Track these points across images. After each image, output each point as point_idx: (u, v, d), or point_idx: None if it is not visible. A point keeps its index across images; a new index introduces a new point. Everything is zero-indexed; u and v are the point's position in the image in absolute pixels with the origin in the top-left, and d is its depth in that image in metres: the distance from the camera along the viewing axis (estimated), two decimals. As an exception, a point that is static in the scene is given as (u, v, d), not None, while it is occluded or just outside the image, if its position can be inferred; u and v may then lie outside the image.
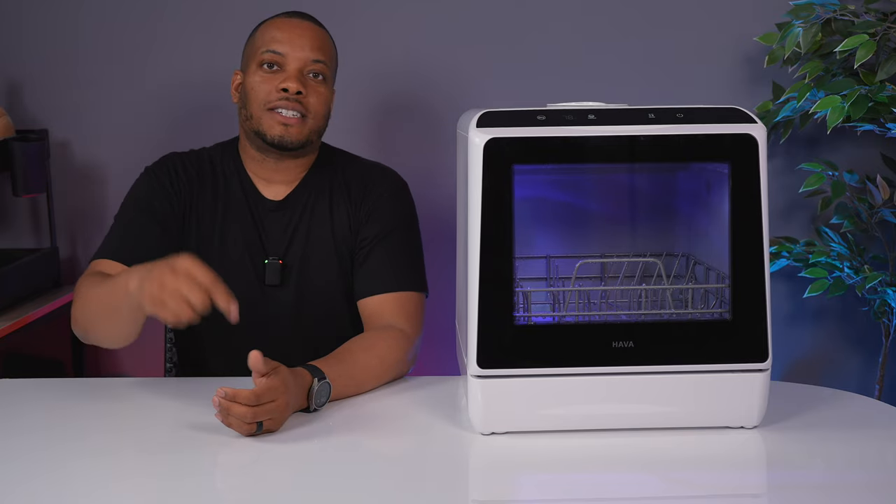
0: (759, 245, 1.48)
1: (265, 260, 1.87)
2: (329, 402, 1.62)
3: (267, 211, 1.89)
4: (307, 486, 1.38)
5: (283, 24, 1.86)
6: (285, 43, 1.83)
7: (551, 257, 1.76)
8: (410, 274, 1.87)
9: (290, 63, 1.82)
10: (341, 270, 1.89)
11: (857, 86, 2.34)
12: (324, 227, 1.88)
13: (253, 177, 1.90)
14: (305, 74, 1.84)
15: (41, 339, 2.64)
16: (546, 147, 1.48)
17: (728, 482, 1.41)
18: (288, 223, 1.89)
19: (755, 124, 1.48)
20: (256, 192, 1.90)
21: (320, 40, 1.87)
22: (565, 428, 1.51)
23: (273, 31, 1.85)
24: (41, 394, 1.76)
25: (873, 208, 2.52)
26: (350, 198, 1.90)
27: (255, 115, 1.84)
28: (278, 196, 1.90)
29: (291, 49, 1.83)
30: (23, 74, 2.69)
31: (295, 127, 1.82)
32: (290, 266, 1.87)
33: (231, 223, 1.88)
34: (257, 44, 1.86)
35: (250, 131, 1.86)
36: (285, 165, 1.88)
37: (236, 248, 1.87)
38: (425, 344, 1.89)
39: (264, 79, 1.83)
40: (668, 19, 2.65)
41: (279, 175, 1.89)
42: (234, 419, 1.47)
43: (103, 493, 1.35)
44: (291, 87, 1.80)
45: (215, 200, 1.89)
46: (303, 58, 1.83)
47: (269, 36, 1.85)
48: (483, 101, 2.13)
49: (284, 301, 1.87)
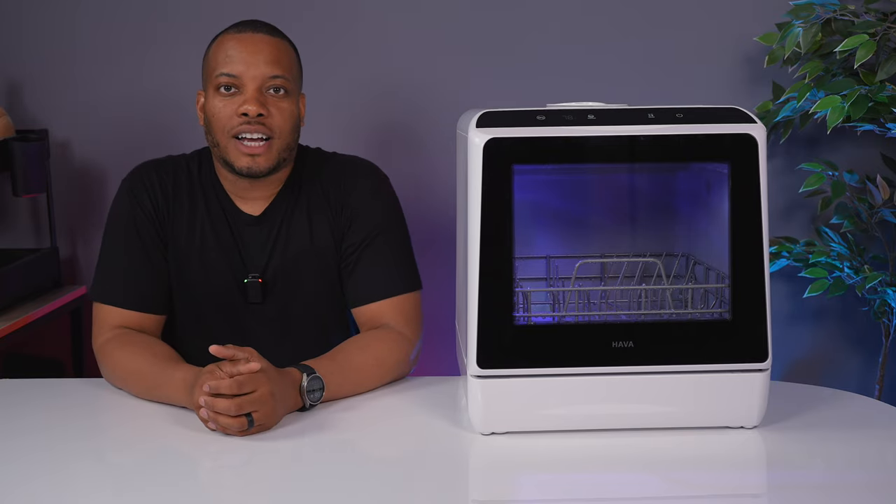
0: (759, 245, 1.48)
1: (245, 279, 1.84)
2: (327, 403, 1.62)
3: (245, 226, 1.85)
4: (307, 486, 1.37)
5: (235, 42, 1.77)
6: (239, 62, 1.75)
7: (551, 257, 1.76)
8: (402, 275, 1.84)
9: (248, 83, 1.75)
10: (325, 280, 1.87)
11: (857, 86, 2.34)
12: (303, 239, 1.85)
13: (230, 193, 1.86)
14: (265, 92, 1.76)
15: (41, 339, 2.65)
16: (546, 147, 1.48)
17: (728, 482, 1.41)
18: (266, 238, 1.85)
19: (755, 124, 1.48)
20: (234, 208, 1.86)
21: (276, 53, 1.78)
22: (565, 428, 1.51)
23: (226, 49, 1.77)
24: (41, 394, 1.76)
25: (873, 208, 2.52)
26: (329, 204, 1.86)
27: (220, 142, 1.78)
28: (256, 211, 1.86)
29: (246, 68, 1.75)
30: (23, 74, 2.69)
31: (262, 156, 1.76)
32: (270, 282, 1.85)
33: (210, 240, 1.85)
34: (212, 64, 1.79)
35: (219, 158, 1.81)
36: (260, 183, 1.84)
37: (217, 266, 1.84)
38: (425, 344, 1.89)
39: (224, 103, 1.76)
40: (668, 19, 2.65)
41: (255, 192, 1.85)
42: (222, 417, 1.49)
43: (103, 494, 1.35)
44: (251, 111, 1.74)
45: (193, 214, 1.85)
46: (259, 76, 1.75)
47: (223, 56, 1.77)
48: (483, 101, 2.13)
49: (268, 317, 1.86)
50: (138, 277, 1.83)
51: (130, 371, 1.71)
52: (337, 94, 2.66)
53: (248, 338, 1.83)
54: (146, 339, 1.77)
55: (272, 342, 1.85)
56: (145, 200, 1.85)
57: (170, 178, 1.88)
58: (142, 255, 1.84)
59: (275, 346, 1.83)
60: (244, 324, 1.86)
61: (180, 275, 1.85)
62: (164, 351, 1.73)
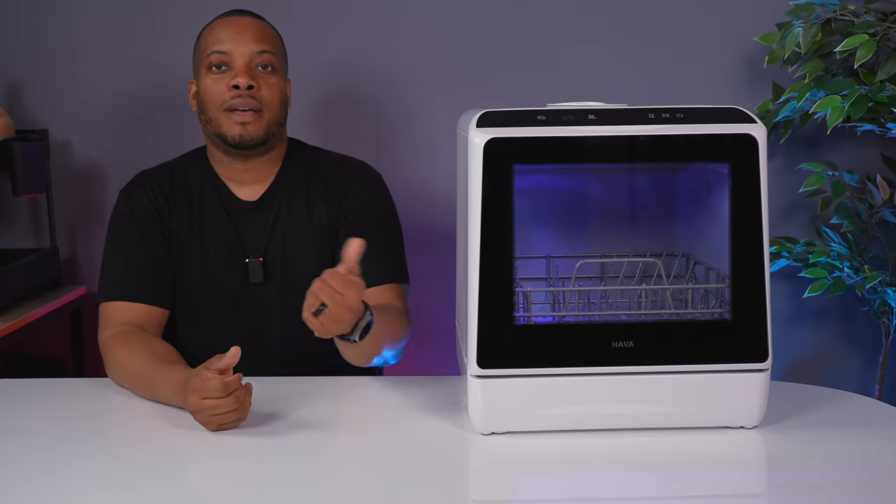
0: (759, 245, 1.48)
1: (246, 259, 1.87)
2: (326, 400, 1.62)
3: (243, 212, 1.90)
4: (306, 486, 1.38)
5: (224, 24, 1.87)
6: (228, 41, 1.84)
7: (551, 257, 1.76)
8: (394, 266, 1.89)
9: (237, 59, 1.83)
10: (323, 264, 1.89)
11: (857, 86, 2.34)
12: (302, 223, 1.89)
13: (225, 180, 1.91)
14: (254, 68, 1.84)
15: (41, 339, 2.64)
16: (546, 147, 1.48)
17: (728, 482, 1.41)
18: (265, 222, 1.89)
19: (755, 124, 1.48)
20: (231, 195, 1.90)
21: (262, 32, 1.87)
22: (565, 428, 1.51)
23: (215, 32, 1.86)
24: (41, 394, 1.76)
25: (873, 208, 2.52)
26: (327, 193, 1.91)
27: (213, 118, 1.85)
28: (253, 196, 1.90)
29: (235, 45, 1.83)
30: (23, 74, 2.69)
31: (252, 124, 1.83)
32: (271, 263, 1.88)
33: (210, 229, 1.89)
34: (202, 47, 1.87)
35: (212, 135, 1.87)
36: (254, 165, 1.89)
37: (217, 251, 1.88)
38: (425, 344, 1.89)
39: (215, 80, 1.84)
40: (668, 19, 2.65)
41: (250, 175, 1.90)
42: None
43: (103, 494, 1.35)
44: (242, 83, 1.81)
45: (191, 210, 1.90)
46: (247, 52, 1.84)
47: (213, 38, 1.86)
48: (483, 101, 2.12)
49: (269, 298, 1.88)
50: (142, 271, 1.85)
51: (129, 371, 1.73)
52: (337, 94, 2.66)
53: (249, 321, 1.86)
54: (147, 338, 1.78)
55: (273, 326, 1.88)
56: (145, 200, 1.90)
57: (166, 180, 1.92)
58: (144, 249, 1.86)
59: (275, 329, 1.87)
60: (245, 306, 1.88)
61: (183, 267, 1.88)
62: (164, 350, 1.74)
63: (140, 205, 1.89)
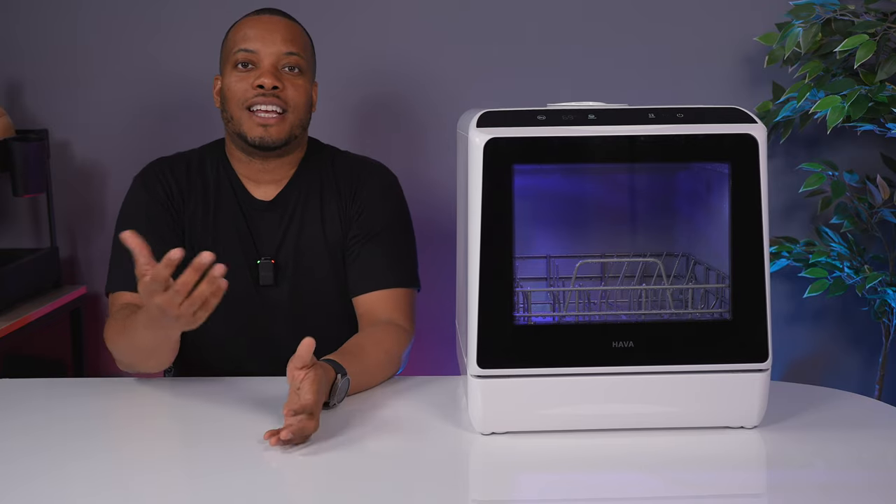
0: (759, 245, 1.48)
1: (258, 260, 1.86)
2: None
3: (257, 211, 1.89)
4: (306, 486, 1.38)
5: (253, 22, 1.85)
6: (256, 40, 1.82)
7: (551, 257, 1.76)
8: (403, 270, 1.87)
9: (264, 59, 1.82)
10: (334, 268, 1.89)
11: (857, 86, 2.34)
12: (315, 225, 1.88)
13: (242, 178, 1.90)
14: (280, 69, 1.83)
15: (41, 339, 2.64)
16: (546, 147, 1.48)
17: (728, 482, 1.41)
18: (279, 223, 1.88)
19: (755, 124, 1.48)
20: (246, 193, 1.89)
21: (292, 33, 1.85)
22: (565, 428, 1.51)
23: (244, 30, 1.85)
24: (41, 394, 1.76)
25: (873, 208, 2.52)
26: (340, 194, 1.90)
27: (234, 116, 1.83)
28: (268, 196, 1.89)
29: (263, 45, 1.82)
30: (23, 74, 2.69)
31: (274, 126, 1.81)
32: (282, 265, 1.87)
33: (223, 226, 1.87)
34: (230, 45, 1.86)
35: (233, 133, 1.86)
36: (272, 165, 1.88)
37: (229, 250, 1.86)
38: (425, 344, 1.89)
39: (240, 78, 1.82)
40: (668, 19, 2.65)
41: (267, 175, 1.89)
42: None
43: (103, 494, 1.35)
44: (266, 83, 1.80)
45: (206, 204, 1.88)
46: (275, 52, 1.82)
47: (241, 35, 1.84)
48: (483, 101, 2.13)
49: (279, 300, 1.87)
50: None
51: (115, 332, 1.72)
52: (336, 94, 2.66)
53: (258, 322, 1.85)
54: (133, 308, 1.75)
55: (283, 328, 1.87)
56: (159, 191, 1.87)
57: (182, 171, 1.90)
58: (154, 239, 1.82)
59: (285, 331, 1.85)
60: (255, 307, 1.87)
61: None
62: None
63: (153, 193, 1.86)
